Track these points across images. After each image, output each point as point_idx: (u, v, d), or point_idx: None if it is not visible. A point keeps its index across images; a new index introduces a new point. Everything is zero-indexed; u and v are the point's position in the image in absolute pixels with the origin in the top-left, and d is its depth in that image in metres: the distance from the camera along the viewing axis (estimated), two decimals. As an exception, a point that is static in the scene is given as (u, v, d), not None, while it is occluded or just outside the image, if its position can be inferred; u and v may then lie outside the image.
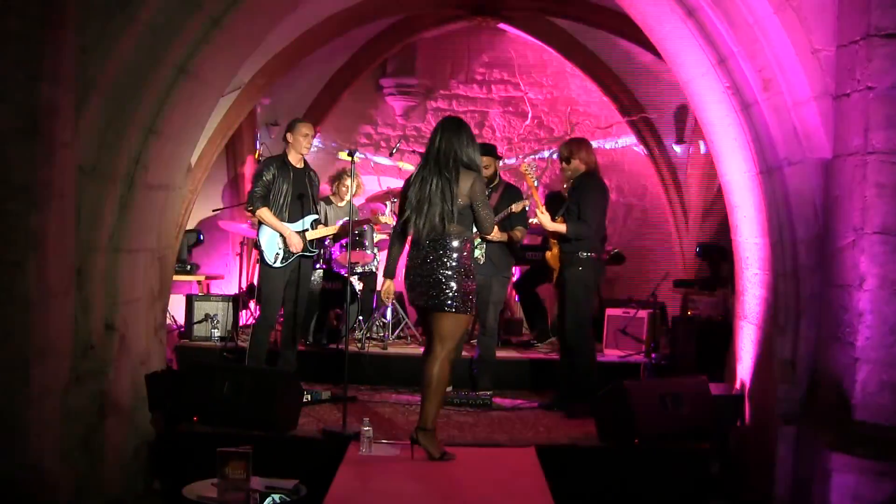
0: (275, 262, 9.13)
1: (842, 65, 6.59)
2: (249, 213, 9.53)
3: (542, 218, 8.84)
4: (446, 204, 7.14)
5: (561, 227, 8.73)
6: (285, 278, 9.23)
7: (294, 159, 9.27)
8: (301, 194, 9.28)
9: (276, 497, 5.90)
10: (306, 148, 9.29)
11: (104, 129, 6.70)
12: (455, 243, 7.19)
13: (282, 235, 9.12)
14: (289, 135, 9.30)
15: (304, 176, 9.36)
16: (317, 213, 9.46)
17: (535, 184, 9.19)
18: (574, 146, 9.00)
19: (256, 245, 9.31)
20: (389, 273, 7.60)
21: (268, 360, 9.46)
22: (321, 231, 9.45)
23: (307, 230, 9.28)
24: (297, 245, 9.12)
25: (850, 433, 6.16)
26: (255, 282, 9.45)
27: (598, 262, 8.90)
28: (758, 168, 7.17)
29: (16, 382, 5.89)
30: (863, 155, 6.22)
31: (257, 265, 9.62)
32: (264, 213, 9.08)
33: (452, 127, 7.34)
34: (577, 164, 8.89)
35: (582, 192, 8.79)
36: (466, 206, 7.22)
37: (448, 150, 7.21)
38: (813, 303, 6.85)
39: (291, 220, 9.20)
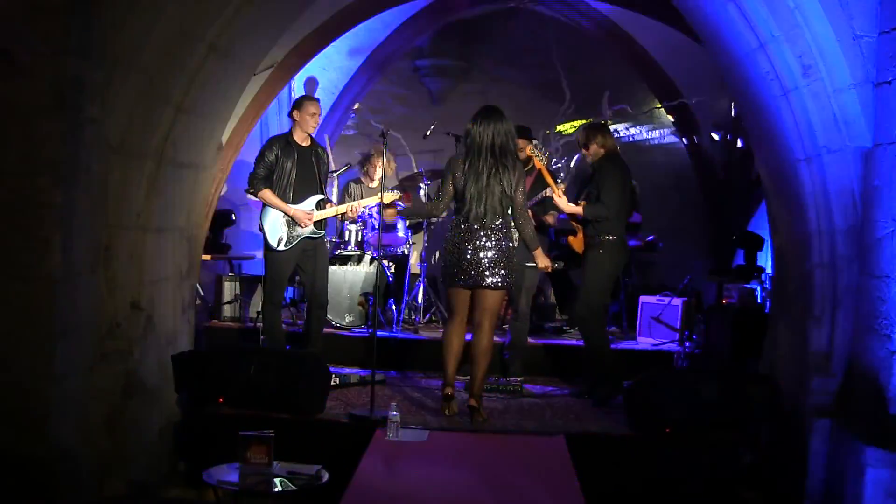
0: (278, 246, 8.93)
1: (884, 51, 6.45)
2: (251, 195, 9.35)
3: (560, 201, 8.83)
4: (505, 192, 7.77)
5: (577, 209, 8.71)
6: (292, 261, 9.05)
7: (299, 137, 9.02)
8: (305, 174, 9.05)
9: (298, 482, 5.84)
10: (313, 127, 9.05)
11: (133, 106, 6.64)
12: (508, 228, 7.87)
13: (285, 217, 8.94)
14: (295, 112, 9.02)
15: (311, 154, 9.11)
16: (323, 193, 9.22)
17: (545, 163, 9.11)
18: (589, 131, 8.97)
19: (260, 228, 9.18)
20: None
21: (296, 342, 9.40)
22: (328, 212, 9.25)
23: (312, 211, 9.07)
24: (305, 221, 8.93)
25: (885, 427, 6.05)
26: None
27: (620, 246, 8.76)
28: (796, 156, 7.04)
29: (41, 360, 5.88)
30: (904, 143, 6.11)
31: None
32: (266, 194, 8.89)
33: (501, 118, 7.86)
34: (596, 149, 8.84)
35: (601, 176, 8.74)
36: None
37: (504, 143, 7.79)
38: (850, 294, 6.73)
39: (296, 201, 8.97)
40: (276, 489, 5.75)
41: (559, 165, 13.31)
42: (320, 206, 9.11)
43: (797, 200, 7.14)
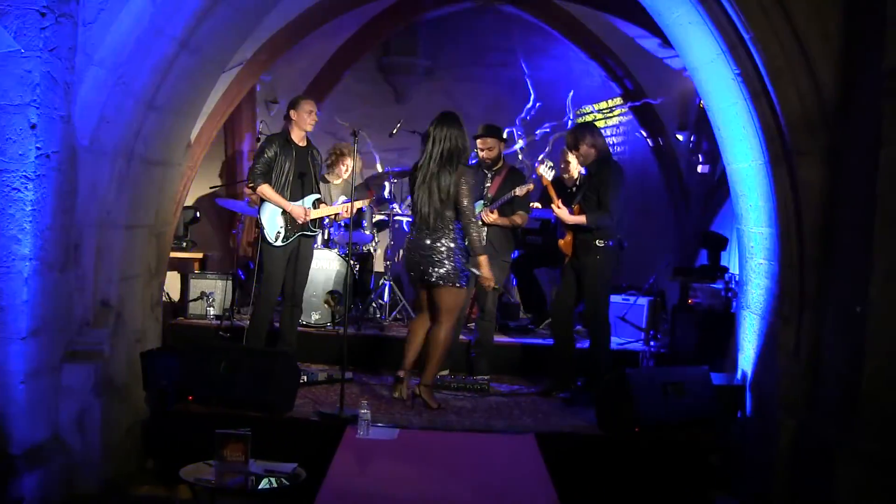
0: (276, 241, 8.99)
1: (857, 52, 6.50)
2: (250, 190, 9.37)
3: (560, 213, 8.70)
4: (441, 195, 7.94)
5: (581, 219, 8.61)
6: (286, 257, 9.12)
7: (297, 137, 9.10)
8: (303, 173, 9.12)
9: (276, 481, 5.84)
10: (310, 125, 9.11)
11: (104, 103, 6.62)
12: (450, 227, 8.00)
13: (283, 213, 8.98)
14: (293, 112, 9.08)
15: (307, 154, 9.21)
16: (319, 193, 9.31)
17: (550, 178, 9.07)
18: (578, 132, 8.86)
19: (258, 223, 9.18)
20: None
21: (267, 339, 9.39)
22: (323, 210, 9.33)
23: (308, 209, 9.15)
24: (301, 216, 9.00)
25: (855, 426, 6.10)
26: (257, 260, 9.30)
27: (615, 249, 8.78)
28: (766, 157, 7.09)
29: (11, 358, 5.83)
30: (874, 146, 6.14)
31: (259, 243, 9.42)
32: (266, 189, 8.93)
33: (452, 123, 8.08)
34: (586, 150, 8.74)
35: (602, 181, 8.67)
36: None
37: (447, 147, 7.96)
38: (819, 294, 6.78)
39: (292, 199, 9.04)
40: (253, 487, 5.75)
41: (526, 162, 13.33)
42: (315, 205, 9.20)
43: (766, 201, 7.19)
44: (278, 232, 8.98)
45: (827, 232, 6.74)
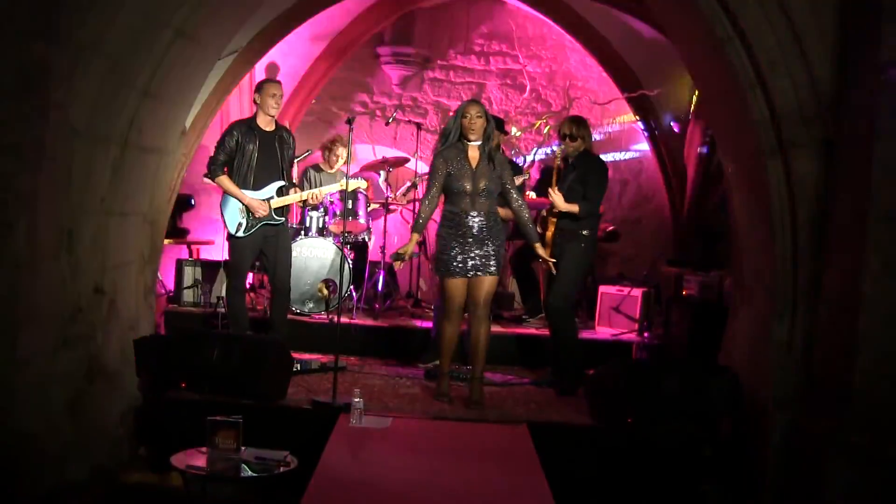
0: (237, 232, 8.86)
1: (852, 46, 6.49)
2: (208, 181, 9.22)
3: (555, 197, 8.72)
4: None
5: (574, 208, 8.64)
6: (254, 247, 8.98)
7: (263, 122, 8.91)
8: (268, 159, 8.94)
9: (266, 468, 5.84)
10: (274, 109, 8.89)
11: (98, 90, 6.59)
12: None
13: (244, 203, 8.85)
14: (256, 95, 8.93)
15: (274, 139, 8.99)
16: (285, 180, 9.07)
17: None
18: (582, 125, 8.97)
19: (220, 214, 9.07)
20: None
21: (258, 328, 9.38)
22: (288, 198, 9.12)
23: (272, 198, 8.97)
24: (260, 211, 8.83)
25: (847, 421, 6.11)
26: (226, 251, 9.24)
27: (595, 240, 8.91)
28: (761, 149, 7.08)
29: (3, 345, 5.83)
30: (870, 138, 6.14)
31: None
32: (223, 180, 8.79)
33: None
34: (579, 143, 8.88)
35: (588, 172, 8.79)
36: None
37: None
38: (812, 287, 6.77)
39: (257, 186, 8.87)
40: (244, 474, 5.75)
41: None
42: (282, 192, 9.00)
43: (760, 192, 7.18)
44: (239, 223, 8.83)
45: (821, 225, 6.73)
